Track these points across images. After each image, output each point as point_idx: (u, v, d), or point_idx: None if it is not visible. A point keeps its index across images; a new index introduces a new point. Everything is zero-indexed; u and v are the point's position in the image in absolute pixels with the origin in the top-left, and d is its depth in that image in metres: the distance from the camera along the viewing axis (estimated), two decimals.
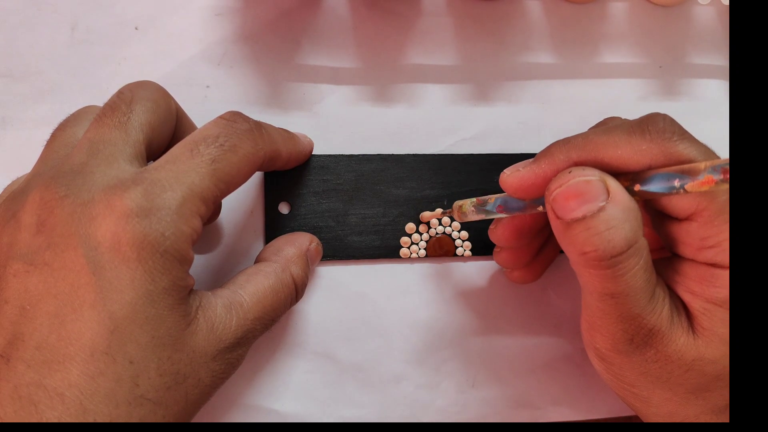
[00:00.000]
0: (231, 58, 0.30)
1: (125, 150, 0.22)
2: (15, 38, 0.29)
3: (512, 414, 0.30)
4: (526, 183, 0.23)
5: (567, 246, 0.22)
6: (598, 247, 0.20)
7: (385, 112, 0.31)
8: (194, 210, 0.21)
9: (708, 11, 0.33)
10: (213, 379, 0.22)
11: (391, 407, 0.29)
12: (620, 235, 0.20)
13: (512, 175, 0.24)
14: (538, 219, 0.27)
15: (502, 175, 0.24)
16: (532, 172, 0.23)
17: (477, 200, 0.26)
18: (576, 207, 0.21)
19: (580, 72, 0.32)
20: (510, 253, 0.28)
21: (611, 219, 0.21)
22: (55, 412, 0.18)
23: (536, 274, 0.29)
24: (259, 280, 0.24)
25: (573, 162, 0.22)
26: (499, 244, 0.28)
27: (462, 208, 0.27)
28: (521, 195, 0.24)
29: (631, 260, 0.21)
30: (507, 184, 0.24)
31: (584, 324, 0.24)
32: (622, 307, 0.22)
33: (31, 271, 0.19)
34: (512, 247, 0.28)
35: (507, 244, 0.27)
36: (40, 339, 0.19)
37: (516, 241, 0.27)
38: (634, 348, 0.22)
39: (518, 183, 0.23)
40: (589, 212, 0.21)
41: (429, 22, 0.31)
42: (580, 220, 0.21)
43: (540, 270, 0.30)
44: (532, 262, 0.29)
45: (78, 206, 0.20)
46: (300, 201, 0.29)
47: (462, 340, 0.30)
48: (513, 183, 0.23)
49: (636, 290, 0.21)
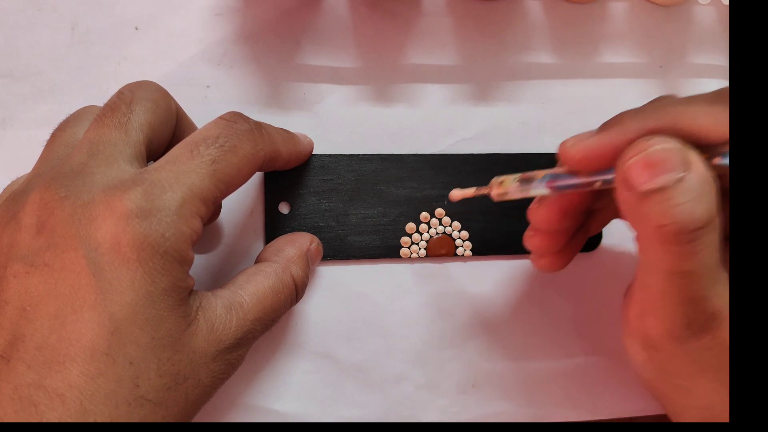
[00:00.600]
0: (231, 58, 0.30)
1: (125, 150, 0.22)
2: (15, 38, 0.29)
3: (512, 414, 0.30)
4: (592, 153, 0.22)
5: (639, 220, 0.20)
6: (677, 219, 0.19)
7: (385, 112, 0.31)
8: (194, 211, 0.21)
9: (708, 11, 0.33)
10: (213, 380, 0.22)
11: (391, 407, 0.29)
12: (702, 207, 0.19)
13: (576, 145, 0.22)
14: (587, 198, 0.25)
15: (563, 146, 0.22)
16: (601, 141, 0.21)
17: (522, 176, 0.24)
18: (653, 177, 0.19)
19: (580, 72, 0.32)
20: (546, 237, 0.26)
21: (692, 190, 0.19)
22: (56, 413, 0.18)
23: (566, 261, 0.27)
24: (260, 280, 0.24)
25: (648, 131, 0.21)
26: (539, 226, 0.26)
27: (503, 184, 0.24)
28: (583, 166, 0.22)
29: (708, 236, 0.19)
30: (569, 154, 0.22)
31: (635, 309, 0.23)
32: (688, 288, 0.20)
33: (31, 272, 0.19)
34: (552, 229, 0.26)
35: (549, 226, 0.25)
36: (40, 340, 0.19)
37: (558, 222, 0.25)
38: (691, 333, 0.21)
39: (583, 153, 0.22)
40: (668, 183, 0.19)
41: (429, 22, 0.31)
42: (658, 190, 0.19)
43: (570, 256, 0.28)
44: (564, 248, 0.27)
45: (78, 207, 0.20)
46: (300, 201, 0.29)
47: (462, 340, 0.30)
48: (576, 154, 0.22)
49: (707, 270, 0.20)
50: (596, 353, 0.31)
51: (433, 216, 0.30)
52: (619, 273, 0.31)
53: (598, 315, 0.31)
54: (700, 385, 0.22)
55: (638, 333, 0.23)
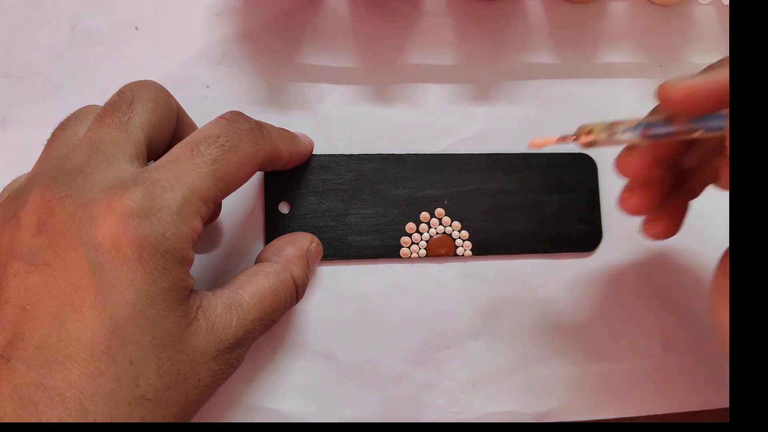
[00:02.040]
0: (231, 58, 0.30)
1: (126, 150, 0.22)
2: (15, 38, 0.29)
3: (512, 414, 0.30)
4: (698, 92, 0.20)
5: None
6: None
7: (385, 112, 0.31)
8: (195, 210, 0.21)
9: (708, 11, 0.33)
10: (213, 380, 0.22)
11: (391, 407, 0.29)
12: None
13: (679, 84, 0.20)
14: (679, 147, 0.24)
15: (663, 86, 0.20)
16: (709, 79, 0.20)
17: (612, 123, 0.22)
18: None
19: (580, 72, 0.32)
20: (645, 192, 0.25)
21: None
22: (55, 412, 0.18)
23: (676, 223, 0.25)
24: (260, 280, 0.24)
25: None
26: (629, 175, 0.24)
27: (593, 132, 0.22)
28: (685, 108, 0.20)
29: None
30: (671, 94, 0.20)
31: None
32: None
33: (31, 271, 0.19)
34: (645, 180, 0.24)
35: (640, 174, 0.24)
36: (40, 339, 0.19)
37: (650, 171, 0.23)
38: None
39: (687, 93, 0.20)
40: None
41: (429, 22, 0.31)
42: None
43: (678, 219, 0.26)
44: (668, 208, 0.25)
45: (78, 206, 0.20)
46: (300, 201, 0.29)
47: (462, 340, 0.30)
48: (678, 94, 0.20)
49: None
50: (596, 353, 0.31)
51: (433, 216, 0.30)
52: (619, 273, 0.31)
53: (598, 315, 0.31)
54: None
55: None
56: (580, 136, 0.23)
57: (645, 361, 0.31)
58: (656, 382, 0.31)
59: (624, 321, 0.31)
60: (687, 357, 0.31)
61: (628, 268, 0.31)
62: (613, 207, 0.31)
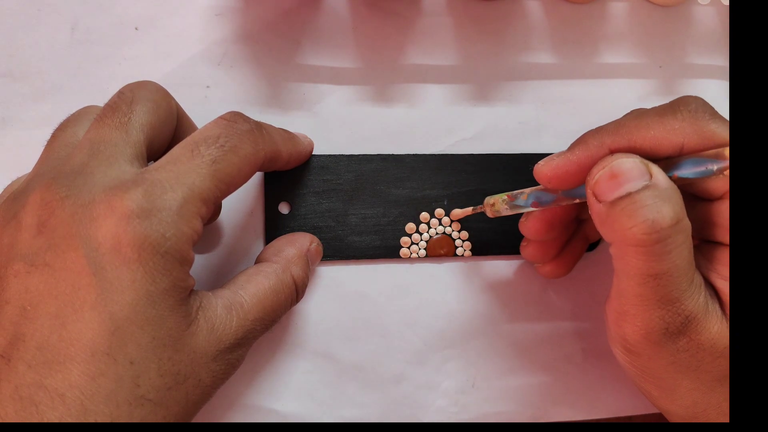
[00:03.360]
0: (231, 58, 0.30)
1: (126, 150, 0.22)
2: (15, 38, 0.29)
3: (512, 414, 0.30)
4: (561, 171, 0.24)
5: (610, 228, 0.21)
6: (647, 217, 0.20)
7: (385, 112, 0.31)
8: (195, 211, 0.21)
9: (708, 11, 0.33)
10: (213, 380, 0.22)
11: (391, 407, 0.29)
12: (668, 207, 0.20)
13: (546, 165, 0.24)
14: (569, 211, 0.27)
15: (536, 167, 0.24)
16: (567, 159, 0.24)
17: (508, 197, 0.27)
18: (619, 186, 0.21)
19: (580, 72, 0.32)
20: (537, 246, 0.29)
21: (657, 194, 0.21)
22: (56, 413, 0.18)
23: (567, 267, 0.29)
24: (260, 280, 0.24)
25: (607, 147, 0.23)
26: (530, 237, 0.28)
27: (494, 207, 0.27)
28: (555, 185, 0.24)
29: (679, 236, 0.21)
30: (541, 174, 0.24)
31: (612, 315, 0.24)
32: (663, 290, 0.21)
33: (32, 272, 0.19)
34: (542, 239, 0.28)
35: (537, 236, 0.28)
36: (41, 339, 0.19)
37: (546, 233, 0.27)
38: (668, 337, 0.22)
39: (552, 172, 0.24)
40: (633, 189, 0.21)
41: (429, 22, 0.31)
42: (625, 197, 0.21)
43: (570, 263, 0.30)
44: (561, 255, 0.29)
45: (79, 207, 0.20)
46: (300, 201, 0.29)
47: (462, 340, 0.30)
48: (547, 173, 0.24)
49: (680, 270, 0.21)
50: (595, 353, 0.31)
51: (433, 216, 0.30)
52: None
53: (598, 315, 0.31)
54: (681, 385, 0.23)
55: (618, 339, 0.24)
56: (486, 207, 0.28)
57: None
58: None
59: None
60: None
61: None
62: None
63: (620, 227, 0.21)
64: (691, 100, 0.22)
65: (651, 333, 0.22)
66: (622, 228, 0.21)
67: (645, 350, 0.23)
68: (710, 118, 0.22)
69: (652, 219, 0.20)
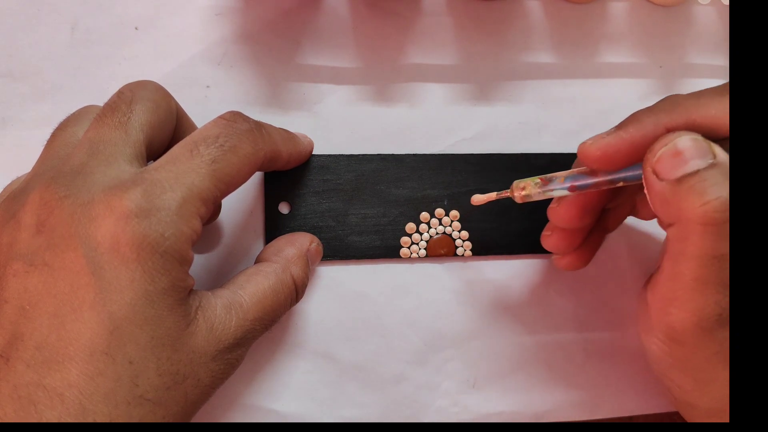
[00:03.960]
0: (231, 58, 0.30)
1: (125, 150, 0.22)
2: (15, 38, 0.29)
3: (513, 414, 0.30)
4: (612, 150, 0.22)
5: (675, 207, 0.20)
6: (719, 195, 0.19)
7: (385, 112, 0.31)
8: (194, 210, 0.21)
9: (708, 11, 0.33)
10: (212, 380, 0.22)
11: (391, 407, 0.29)
12: None
13: (595, 143, 0.23)
14: (604, 196, 0.26)
15: (583, 146, 0.23)
16: (619, 138, 0.22)
17: (542, 180, 0.25)
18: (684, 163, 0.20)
19: (580, 72, 0.32)
20: (563, 235, 0.27)
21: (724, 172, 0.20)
22: (55, 412, 0.18)
23: (587, 258, 0.28)
24: (259, 280, 0.24)
25: (663, 126, 0.22)
26: (560, 224, 0.27)
27: (525, 191, 0.25)
28: (602, 165, 0.23)
29: None
30: (588, 153, 0.23)
31: (658, 302, 0.23)
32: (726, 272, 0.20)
33: (30, 272, 0.19)
34: (572, 227, 0.27)
35: (569, 224, 0.26)
36: (39, 339, 0.19)
37: (579, 220, 0.26)
38: (720, 324, 0.21)
39: (602, 152, 0.22)
40: (700, 166, 0.20)
41: (429, 21, 0.31)
42: (693, 174, 0.20)
43: (591, 254, 0.28)
44: (582, 246, 0.28)
45: (78, 207, 0.20)
46: (300, 201, 0.29)
47: (462, 340, 0.30)
48: (595, 152, 0.22)
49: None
50: (596, 353, 0.31)
51: (433, 216, 0.30)
52: (619, 273, 0.31)
53: (598, 315, 0.31)
54: (720, 376, 0.22)
55: (661, 327, 0.23)
56: (515, 191, 0.25)
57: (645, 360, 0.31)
58: (656, 382, 0.31)
59: (624, 321, 0.31)
60: None
61: (628, 269, 0.31)
62: None
63: (689, 206, 0.20)
64: None
65: (703, 319, 0.21)
66: (690, 206, 0.20)
67: (691, 339, 0.22)
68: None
69: (725, 196, 0.19)
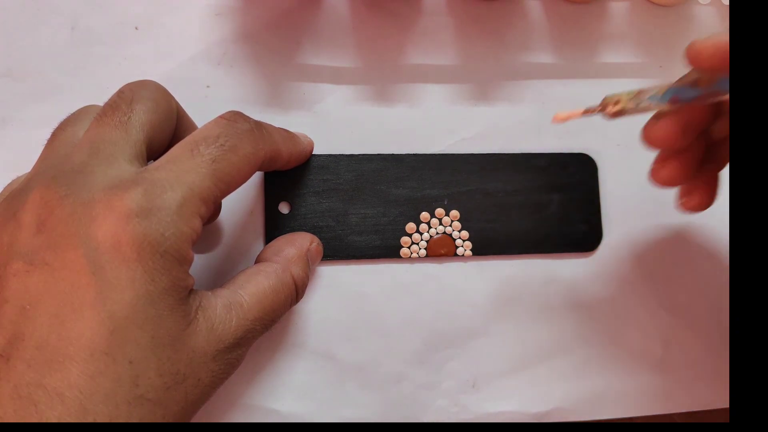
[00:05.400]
0: (231, 58, 0.30)
1: (126, 150, 0.22)
2: (15, 38, 0.29)
3: (512, 414, 0.30)
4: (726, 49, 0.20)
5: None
6: None
7: (385, 112, 0.31)
8: (194, 210, 0.21)
9: (708, 11, 0.33)
10: (213, 379, 0.22)
11: (391, 407, 0.29)
12: None
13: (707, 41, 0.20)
14: (707, 115, 0.24)
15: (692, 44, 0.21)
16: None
17: (639, 91, 0.22)
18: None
19: (580, 72, 0.32)
20: (677, 163, 0.24)
21: None
22: (55, 412, 0.18)
23: (711, 193, 0.25)
24: (260, 280, 0.24)
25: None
26: (658, 144, 0.24)
27: (619, 104, 0.23)
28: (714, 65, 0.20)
29: None
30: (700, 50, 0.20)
31: None
32: None
33: (31, 271, 0.19)
34: (673, 147, 0.24)
35: (668, 143, 0.23)
36: (40, 339, 0.19)
37: (680, 139, 0.23)
38: None
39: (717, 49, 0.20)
40: None
41: (429, 21, 0.31)
42: None
43: (715, 187, 0.25)
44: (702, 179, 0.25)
45: (78, 206, 0.20)
46: (300, 201, 0.29)
47: (462, 340, 0.30)
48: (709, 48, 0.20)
49: None
50: (596, 353, 0.31)
51: (433, 216, 0.30)
52: (619, 273, 0.31)
53: (598, 315, 0.31)
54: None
55: None
56: (607, 106, 0.23)
57: (645, 361, 0.31)
58: (656, 382, 0.31)
59: (624, 321, 0.31)
60: (687, 357, 0.31)
61: (628, 268, 0.31)
62: (613, 207, 0.31)
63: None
64: None
65: None
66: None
67: None
68: None
69: None
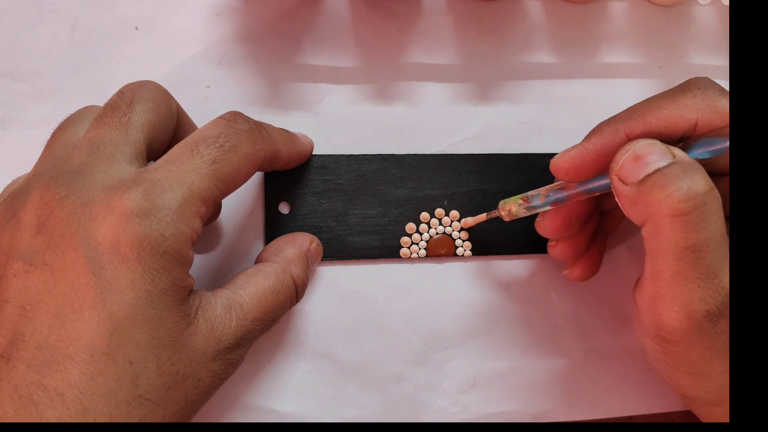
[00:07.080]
0: (231, 58, 0.30)
1: (126, 150, 0.22)
2: (15, 38, 0.29)
3: (512, 414, 0.30)
4: (578, 161, 0.24)
5: (643, 205, 0.21)
6: (681, 186, 0.20)
7: (386, 112, 0.31)
8: (194, 210, 0.21)
9: (708, 11, 0.33)
10: (212, 380, 0.22)
11: (391, 407, 0.29)
12: (699, 176, 0.20)
13: (562, 157, 0.24)
14: (585, 206, 0.27)
15: (553, 161, 0.25)
16: (583, 149, 0.24)
17: (523, 200, 0.27)
18: (645, 165, 0.21)
19: (580, 72, 0.32)
20: (565, 244, 0.28)
21: (686, 166, 0.21)
22: (55, 412, 0.18)
23: (595, 265, 0.29)
24: (259, 280, 0.24)
25: (622, 132, 0.23)
26: (548, 236, 0.28)
27: (511, 212, 0.27)
28: (572, 177, 0.24)
29: (714, 204, 0.20)
30: (558, 166, 0.24)
31: (646, 303, 0.23)
32: (702, 263, 0.21)
33: (31, 271, 0.19)
34: (563, 237, 0.28)
35: (556, 235, 0.27)
36: (40, 339, 0.19)
37: (565, 231, 0.27)
38: (710, 320, 0.21)
39: (569, 163, 0.24)
40: (660, 165, 0.21)
41: (429, 21, 0.31)
42: (654, 173, 0.21)
43: (598, 260, 0.29)
44: (586, 254, 0.29)
45: (78, 206, 0.20)
46: (300, 201, 0.29)
47: (462, 340, 0.30)
48: (564, 164, 0.24)
49: (717, 241, 0.21)
50: (596, 353, 0.31)
51: (433, 216, 0.30)
52: (619, 273, 0.31)
53: (598, 315, 0.31)
54: (714, 369, 0.23)
55: (652, 328, 0.23)
56: (501, 212, 0.28)
57: (644, 361, 0.31)
58: (656, 382, 0.31)
59: (624, 321, 0.31)
60: None
61: (628, 268, 0.31)
62: None
63: (654, 200, 0.21)
64: (700, 80, 0.23)
65: (691, 316, 0.21)
66: (655, 201, 0.21)
67: (683, 337, 0.22)
68: (720, 95, 0.23)
69: (687, 187, 0.20)
